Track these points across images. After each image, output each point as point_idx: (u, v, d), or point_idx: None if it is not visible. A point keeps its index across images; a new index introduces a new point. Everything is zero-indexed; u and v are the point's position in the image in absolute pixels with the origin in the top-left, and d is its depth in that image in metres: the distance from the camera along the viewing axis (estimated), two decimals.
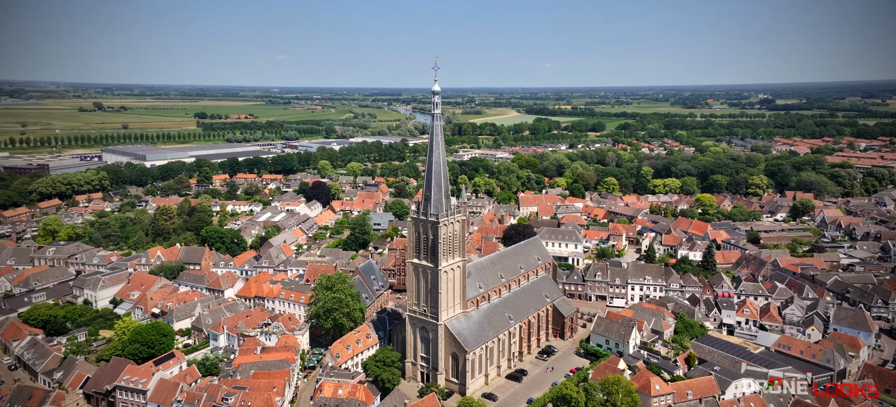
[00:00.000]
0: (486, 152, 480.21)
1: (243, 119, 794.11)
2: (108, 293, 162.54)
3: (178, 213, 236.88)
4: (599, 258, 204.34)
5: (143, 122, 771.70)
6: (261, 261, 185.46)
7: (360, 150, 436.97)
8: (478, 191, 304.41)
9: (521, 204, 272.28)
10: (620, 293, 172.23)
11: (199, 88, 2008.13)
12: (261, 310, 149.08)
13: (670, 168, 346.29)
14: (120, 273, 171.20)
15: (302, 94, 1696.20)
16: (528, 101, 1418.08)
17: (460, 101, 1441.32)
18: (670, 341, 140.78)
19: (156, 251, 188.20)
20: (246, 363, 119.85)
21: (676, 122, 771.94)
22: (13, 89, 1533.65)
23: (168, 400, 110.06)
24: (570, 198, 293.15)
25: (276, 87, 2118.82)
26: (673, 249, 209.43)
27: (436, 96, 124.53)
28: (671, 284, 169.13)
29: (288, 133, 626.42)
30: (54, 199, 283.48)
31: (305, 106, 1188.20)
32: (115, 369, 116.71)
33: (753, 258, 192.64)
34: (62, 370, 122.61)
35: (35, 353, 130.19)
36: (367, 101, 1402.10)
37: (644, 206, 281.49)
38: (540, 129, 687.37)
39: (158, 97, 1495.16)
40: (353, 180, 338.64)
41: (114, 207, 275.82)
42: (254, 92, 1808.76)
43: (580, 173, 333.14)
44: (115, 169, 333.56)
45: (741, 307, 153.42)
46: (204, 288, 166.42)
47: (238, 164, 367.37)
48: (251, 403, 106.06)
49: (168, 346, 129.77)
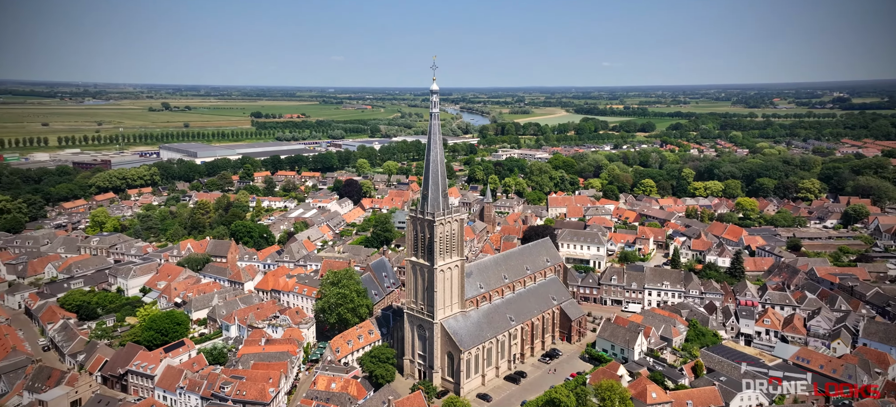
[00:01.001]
0: (525, 152, 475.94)
1: (295, 118, 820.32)
2: (139, 282, 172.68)
3: (215, 208, 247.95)
4: (622, 262, 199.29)
5: (203, 121, 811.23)
6: (282, 255, 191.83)
7: (400, 149, 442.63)
8: (508, 191, 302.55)
9: (551, 205, 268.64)
10: (636, 298, 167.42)
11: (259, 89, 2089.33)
12: (273, 303, 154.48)
13: (713, 170, 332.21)
14: (150, 263, 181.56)
15: (355, 94, 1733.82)
16: (580, 101, 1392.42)
17: (509, 100, 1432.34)
18: (679, 349, 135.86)
19: (187, 244, 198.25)
20: (248, 354, 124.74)
21: (733, 122, 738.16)
22: (97, 91, 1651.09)
23: (173, 386, 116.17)
24: (603, 199, 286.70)
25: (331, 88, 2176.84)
26: (701, 255, 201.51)
27: (434, 95, 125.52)
28: (690, 290, 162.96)
29: (334, 132, 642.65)
30: (109, 193, 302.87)
31: (356, 106, 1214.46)
32: (128, 354, 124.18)
33: (786, 266, 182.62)
34: (85, 353, 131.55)
35: (65, 336, 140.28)
36: (416, 100, 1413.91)
37: (680, 209, 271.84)
38: (585, 129, 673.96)
39: (221, 97, 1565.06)
40: (387, 179, 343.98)
41: (160, 200, 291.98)
42: (310, 92, 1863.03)
43: (616, 175, 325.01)
44: (165, 165, 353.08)
45: (762, 317, 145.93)
46: (225, 280, 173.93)
47: (280, 162, 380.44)
48: (246, 393, 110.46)
49: (181, 334, 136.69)
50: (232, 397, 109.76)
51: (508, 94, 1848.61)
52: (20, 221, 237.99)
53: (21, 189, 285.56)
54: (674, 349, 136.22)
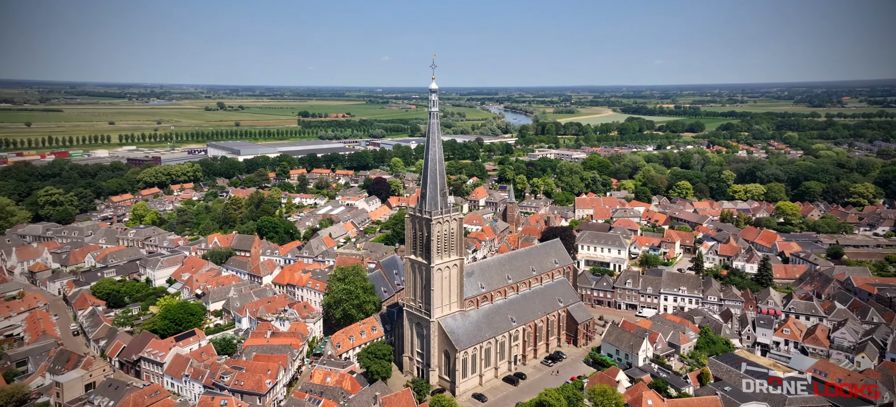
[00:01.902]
0: (562, 152, 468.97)
1: (340, 117, 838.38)
2: (165, 273, 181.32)
3: (247, 203, 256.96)
4: (643, 266, 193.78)
5: (253, 120, 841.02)
6: (302, 251, 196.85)
7: None
8: (536, 191, 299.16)
9: (578, 206, 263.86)
10: (651, 303, 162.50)
11: (310, 89, 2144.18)
12: (284, 297, 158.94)
13: (755, 173, 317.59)
14: (177, 256, 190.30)
15: (402, 93, 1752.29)
16: (628, 100, 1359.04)
17: (555, 99, 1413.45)
18: (687, 357, 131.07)
19: (213, 238, 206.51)
20: (252, 345, 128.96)
21: (790, 122, 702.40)
22: (162, 92, 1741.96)
23: (179, 373, 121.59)
24: (634, 201, 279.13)
25: (379, 88, 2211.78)
26: (728, 260, 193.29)
27: (433, 94, 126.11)
28: (708, 297, 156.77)
29: (375, 131, 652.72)
30: (154, 188, 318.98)
31: (401, 105, 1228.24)
32: (141, 342, 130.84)
33: (819, 274, 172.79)
34: (106, 339, 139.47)
35: (91, 322, 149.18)
36: (461, 100, 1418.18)
37: (715, 212, 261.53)
38: (629, 129, 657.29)
39: (274, 97, 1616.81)
40: (417, 177, 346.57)
41: (200, 196, 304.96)
42: (358, 92, 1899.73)
43: (651, 176, 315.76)
44: (208, 162, 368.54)
45: (782, 326, 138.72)
46: (246, 273, 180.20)
47: (316, 160, 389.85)
48: (243, 383, 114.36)
49: (195, 324, 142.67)
50: (230, 387, 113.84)
51: (555, 93, 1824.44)
52: (71, 213, 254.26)
53: (77, 183, 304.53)
54: (681, 356, 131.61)
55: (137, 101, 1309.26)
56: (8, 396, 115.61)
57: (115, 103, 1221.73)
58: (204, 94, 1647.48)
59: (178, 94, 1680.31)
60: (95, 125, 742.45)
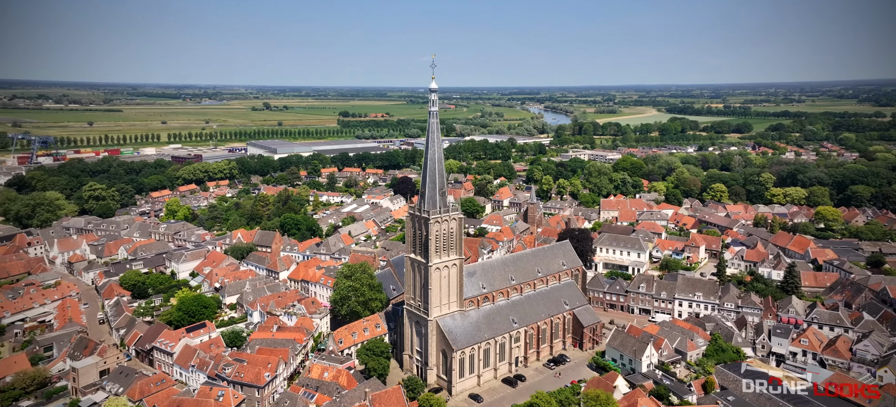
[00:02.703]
0: (597, 153, 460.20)
1: (379, 117, 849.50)
2: (189, 267, 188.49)
3: (275, 201, 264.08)
4: (664, 270, 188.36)
5: (296, 120, 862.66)
6: (320, 248, 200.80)
7: (466, 148, 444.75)
8: (562, 192, 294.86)
9: (603, 208, 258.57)
10: (665, 308, 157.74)
11: (354, 89, 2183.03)
12: (295, 292, 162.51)
13: (796, 176, 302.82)
14: (200, 250, 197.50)
15: (444, 93, 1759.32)
16: (675, 100, 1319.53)
17: (598, 99, 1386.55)
18: (694, 364, 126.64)
19: (237, 233, 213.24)
20: (257, 339, 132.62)
21: (849, 122, 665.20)
22: (215, 92, 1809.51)
23: (187, 363, 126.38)
24: (663, 204, 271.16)
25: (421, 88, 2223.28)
26: (754, 266, 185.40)
27: (433, 94, 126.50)
28: (725, 303, 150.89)
29: (410, 131, 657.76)
30: (192, 184, 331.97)
31: (441, 105, 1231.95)
32: (155, 332, 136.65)
33: (851, 283, 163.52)
34: (126, 328, 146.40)
35: (114, 311, 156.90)
36: (501, 100, 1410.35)
37: (748, 216, 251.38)
38: (671, 129, 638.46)
39: (319, 97, 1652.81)
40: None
41: (234, 192, 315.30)
42: (400, 92, 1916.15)
43: (684, 178, 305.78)
44: (244, 160, 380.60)
45: (800, 336, 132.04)
46: (264, 268, 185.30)
47: (348, 159, 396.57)
48: (243, 375, 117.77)
49: (207, 316, 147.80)
50: (231, 378, 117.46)
51: (599, 93, 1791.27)
52: (111, 207, 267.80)
53: (122, 179, 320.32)
54: (688, 364, 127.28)
55: (191, 102, 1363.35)
56: (30, 379, 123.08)
57: (170, 104, 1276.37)
58: (252, 95, 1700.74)
59: (229, 94, 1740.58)
60: (150, 125, 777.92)
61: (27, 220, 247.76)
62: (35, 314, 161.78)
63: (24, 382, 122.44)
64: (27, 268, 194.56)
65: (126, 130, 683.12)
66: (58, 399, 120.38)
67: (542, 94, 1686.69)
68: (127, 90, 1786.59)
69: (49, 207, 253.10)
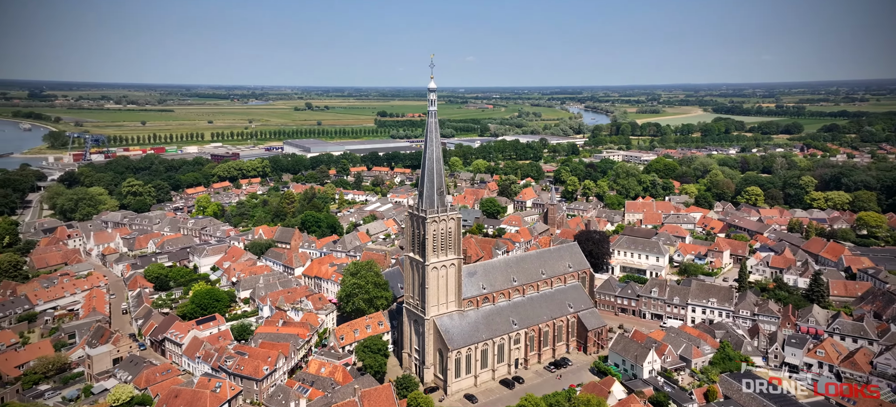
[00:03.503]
0: (632, 154, 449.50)
1: (415, 117, 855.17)
2: (210, 261, 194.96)
3: (300, 198, 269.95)
4: (682, 275, 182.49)
5: (335, 120, 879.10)
6: (336, 245, 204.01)
7: (497, 148, 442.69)
8: (588, 194, 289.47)
9: (628, 210, 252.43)
10: (678, 314, 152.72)
11: (395, 89, 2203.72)
12: (305, 288, 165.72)
13: (841, 179, 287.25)
14: (222, 245, 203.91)
15: (483, 93, 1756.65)
16: (724, 99, 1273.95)
17: (642, 99, 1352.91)
18: (698, 372, 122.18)
19: (259, 230, 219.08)
20: (262, 333, 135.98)
21: None
22: (262, 93, 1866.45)
23: (193, 354, 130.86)
24: (693, 207, 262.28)
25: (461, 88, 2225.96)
26: (780, 273, 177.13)
27: (432, 93, 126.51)
28: (741, 310, 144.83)
29: (444, 130, 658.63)
30: (225, 182, 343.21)
31: (479, 105, 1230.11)
32: (167, 323, 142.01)
33: (884, 293, 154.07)
34: (143, 319, 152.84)
35: (136, 302, 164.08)
36: (541, 99, 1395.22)
37: (783, 221, 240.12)
38: (713, 129, 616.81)
39: (360, 97, 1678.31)
40: (472, 177, 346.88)
41: (264, 190, 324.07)
42: (441, 92, 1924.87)
43: (717, 180, 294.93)
44: (277, 159, 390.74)
45: (816, 347, 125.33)
46: (281, 264, 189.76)
47: (378, 158, 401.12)
48: (243, 368, 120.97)
49: (219, 309, 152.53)
50: (231, 370, 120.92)
51: (644, 92, 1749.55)
52: (147, 203, 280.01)
53: (161, 176, 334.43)
54: (692, 371, 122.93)
55: (238, 102, 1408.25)
56: (50, 364, 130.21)
57: (219, 104, 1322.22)
58: (297, 96, 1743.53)
59: (275, 95, 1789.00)
60: (197, 124, 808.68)
61: (71, 213, 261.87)
62: (65, 303, 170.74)
63: (44, 367, 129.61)
64: (64, 259, 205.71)
65: (175, 129, 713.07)
66: (74, 384, 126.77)
67: (584, 94, 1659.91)
68: (180, 91, 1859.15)
69: (90, 201, 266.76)
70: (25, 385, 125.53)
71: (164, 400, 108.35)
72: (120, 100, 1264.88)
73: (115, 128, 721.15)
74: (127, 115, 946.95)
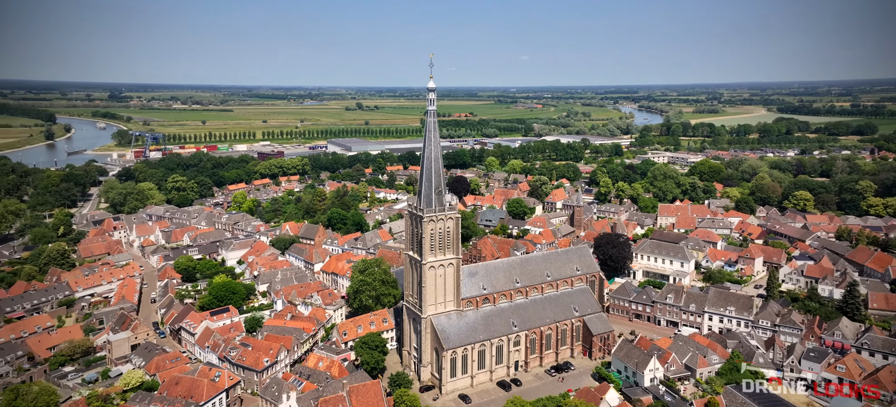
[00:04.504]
0: (679, 156, 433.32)
1: (461, 117, 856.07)
2: (236, 255, 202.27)
3: (332, 196, 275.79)
4: (707, 281, 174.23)
5: (382, 119, 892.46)
6: (357, 242, 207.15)
7: (536, 149, 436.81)
8: (621, 196, 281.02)
9: (660, 213, 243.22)
10: (694, 322, 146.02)
11: (446, 89, 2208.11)
12: (318, 283, 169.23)
13: None
14: (248, 240, 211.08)
15: (535, 93, 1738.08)
16: (793, 98, 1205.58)
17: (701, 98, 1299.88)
18: (703, 382, 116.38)
19: (286, 226, 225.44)
20: (269, 325, 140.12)
21: None
22: (318, 93, 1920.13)
23: (204, 344, 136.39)
24: (732, 211, 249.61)
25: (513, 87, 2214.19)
26: (815, 282, 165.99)
27: (431, 93, 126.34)
28: (760, 320, 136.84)
29: (488, 130, 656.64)
30: (266, 179, 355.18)
31: (528, 105, 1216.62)
32: (184, 313, 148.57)
33: None
34: (166, 308, 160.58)
35: (162, 292, 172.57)
36: (594, 99, 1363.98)
37: (831, 228, 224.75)
38: (773, 130, 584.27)
39: (411, 97, 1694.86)
40: (506, 177, 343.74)
41: (301, 187, 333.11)
42: (492, 92, 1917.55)
43: (762, 184, 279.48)
44: (317, 157, 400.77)
45: (837, 362, 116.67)
46: (302, 260, 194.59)
47: (415, 157, 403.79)
48: (245, 359, 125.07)
49: (235, 302, 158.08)
50: (235, 360, 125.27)
51: (705, 90, 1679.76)
52: (189, 198, 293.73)
53: (206, 172, 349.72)
54: (697, 382, 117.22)
55: (294, 103, 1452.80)
56: (77, 347, 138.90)
57: (275, 104, 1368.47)
58: (350, 96, 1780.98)
59: (330, 95, 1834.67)
60: (252, 123, 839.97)
61: (120, 207, 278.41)
62: (101, 290, 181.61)
63: (72, 350, 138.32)
64: (108, 249, 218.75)
65: (231, 128, 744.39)
66: (95, 368, 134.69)
67: (640, 93, 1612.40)
68: (242, 92, 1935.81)
69: (138, 195, 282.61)
70: (52, 366, 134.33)
71: (166, 386, 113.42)
72: (187, 100, 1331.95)
73: (177, 126, 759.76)
74: (191, 114, 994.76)
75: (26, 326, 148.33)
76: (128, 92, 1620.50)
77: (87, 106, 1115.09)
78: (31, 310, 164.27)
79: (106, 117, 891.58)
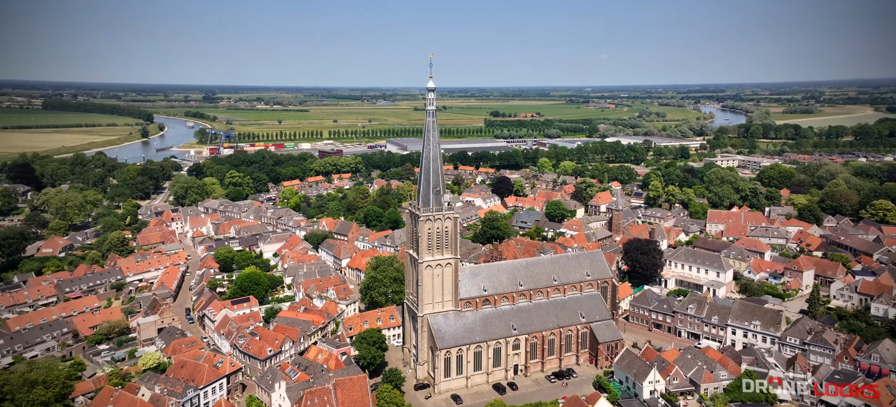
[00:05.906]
0: (750, 159, 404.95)
1: (526, 117, 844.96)
2: (273, 248, 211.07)
3: (376, 194, 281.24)
4: (743, 293, 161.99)
5: (447, 119, 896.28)
6: (386, 239, 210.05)
7: (592, 150, 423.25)
8: (672, 201, 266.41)
9: (709, 220, 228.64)
10: (716, 335, 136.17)
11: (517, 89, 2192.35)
12: (337, 278, 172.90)
13: None
14: (285, 234, 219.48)
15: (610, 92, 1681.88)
16: None
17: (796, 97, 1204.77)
18: (707, 399, 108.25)
19: (323, 221, 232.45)
20: (282, 317, 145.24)
21: None
22: (392, 93, 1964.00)
23: (220, 331, 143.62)
24: (794, 220, 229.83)
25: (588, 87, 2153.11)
26: (868, 300, 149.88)
27: (430, 93, 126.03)
28: (788, 337, 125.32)
29: (550, 131, 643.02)
30: (319, 176, 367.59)
31: (600, 105, 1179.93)
32: (209, 301, 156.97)
33: None
34: (197, 296, 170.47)
35: (198, 280, 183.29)
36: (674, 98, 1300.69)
37: None
38: (872, 132, 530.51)
39: (481, 98, 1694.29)
40: (555, 178, 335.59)
41: (350, 185, 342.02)
42: (566, 92, 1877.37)
43: (834, 191, 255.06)
44: (370, 155, 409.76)
45: (865, 387, 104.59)
46: (331, 255, 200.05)
47: (466, 158, 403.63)
48: (251, 348, 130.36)
49: (259, 293, 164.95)
50: (242, 348, 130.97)
51: (803, 89, 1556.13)
52: (244, 192, 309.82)
53: (264, 169, 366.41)
54: (701, 397, 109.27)
55: (367, 103, 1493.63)
56: (113, 328, 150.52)
57: (350, 105, 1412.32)
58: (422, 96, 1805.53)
59: (403, 95, 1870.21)
60: (323, 123, 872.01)
61: (182, 199, 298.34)
62: (149, 277, 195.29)
63: (109, 330, 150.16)
64: (162, 238, 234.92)
65: (304, 127, 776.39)
66: (125, 347, 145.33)
67: (727, 92, 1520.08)
68: (322, 93, 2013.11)
69: (198, 189, 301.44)
70: (90, 343, 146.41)
71: (173, 368, 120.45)
72: (269, 101, 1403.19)
73: (255, 126, 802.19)
74: (270, 114, 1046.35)
75: (77, 306, 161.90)
76: (220, 93, 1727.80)
77: (182, 106, 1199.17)
78: (87, 291, 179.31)
79: (196, 117, 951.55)
